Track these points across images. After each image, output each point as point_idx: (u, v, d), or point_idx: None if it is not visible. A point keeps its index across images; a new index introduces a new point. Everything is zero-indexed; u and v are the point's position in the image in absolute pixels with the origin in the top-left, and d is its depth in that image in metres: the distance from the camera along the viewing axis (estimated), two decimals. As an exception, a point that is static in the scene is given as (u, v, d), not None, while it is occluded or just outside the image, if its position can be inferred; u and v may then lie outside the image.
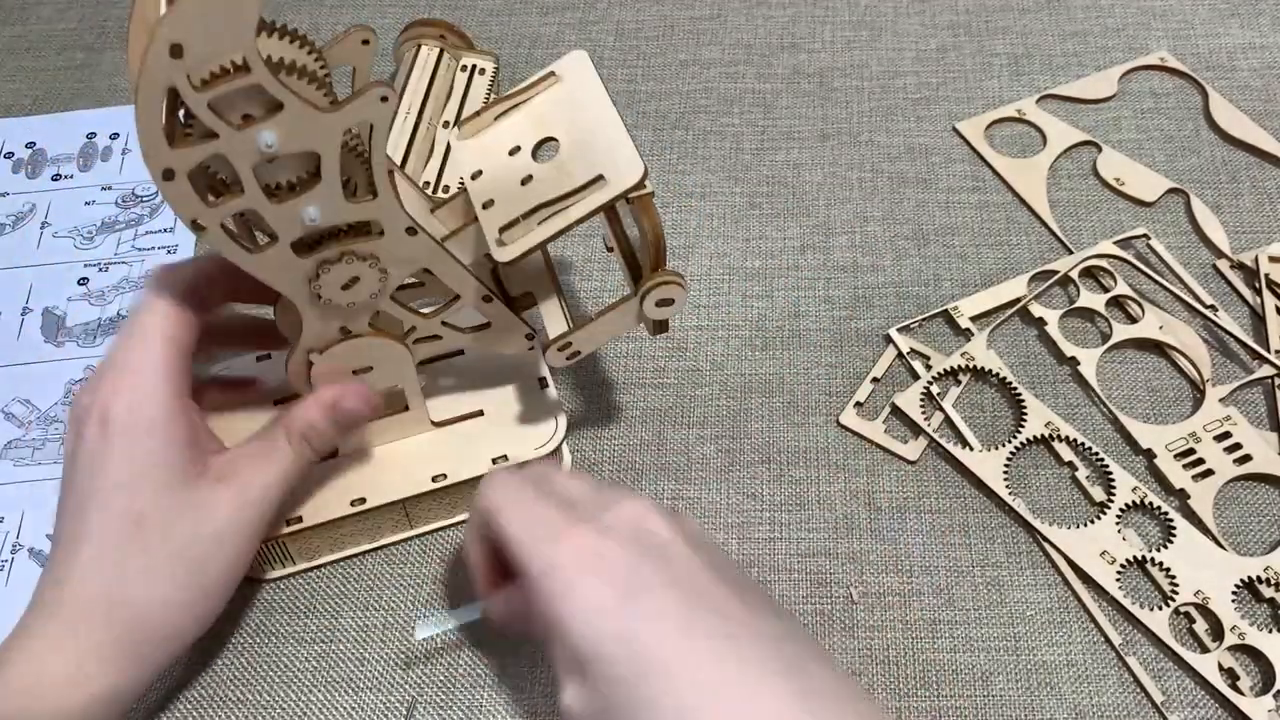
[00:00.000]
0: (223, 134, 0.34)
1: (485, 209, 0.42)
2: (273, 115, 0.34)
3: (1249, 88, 0.63)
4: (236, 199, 0.36)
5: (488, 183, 0.43)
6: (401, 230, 0.39)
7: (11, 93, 0.67)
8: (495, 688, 0.45)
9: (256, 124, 0.34)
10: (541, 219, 0.41)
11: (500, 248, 0.41)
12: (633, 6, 0.69)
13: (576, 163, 0.41)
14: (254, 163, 0.35)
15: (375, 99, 0.35)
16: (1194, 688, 0.44)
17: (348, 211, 0.38)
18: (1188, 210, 0.58)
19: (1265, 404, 0.51)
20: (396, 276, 0.41)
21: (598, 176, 0.40)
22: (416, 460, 0.47)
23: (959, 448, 0.50)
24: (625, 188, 0.40)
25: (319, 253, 0.39)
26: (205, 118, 0.34)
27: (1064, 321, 0.54)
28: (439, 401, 0.48)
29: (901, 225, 0.58)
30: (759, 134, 0.63)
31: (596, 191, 0.40)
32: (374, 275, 0.40)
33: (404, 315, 0.44)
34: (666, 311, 0.44)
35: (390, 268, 0.41)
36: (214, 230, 0.37)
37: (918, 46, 0.67)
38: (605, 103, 0.42)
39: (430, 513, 0.48)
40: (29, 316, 0.57)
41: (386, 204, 0.38)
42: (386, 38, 0.67)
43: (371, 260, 0.40)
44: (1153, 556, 0.46)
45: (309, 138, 0.35)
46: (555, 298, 0.46)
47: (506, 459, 0.47)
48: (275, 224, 0.37)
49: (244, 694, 0.45)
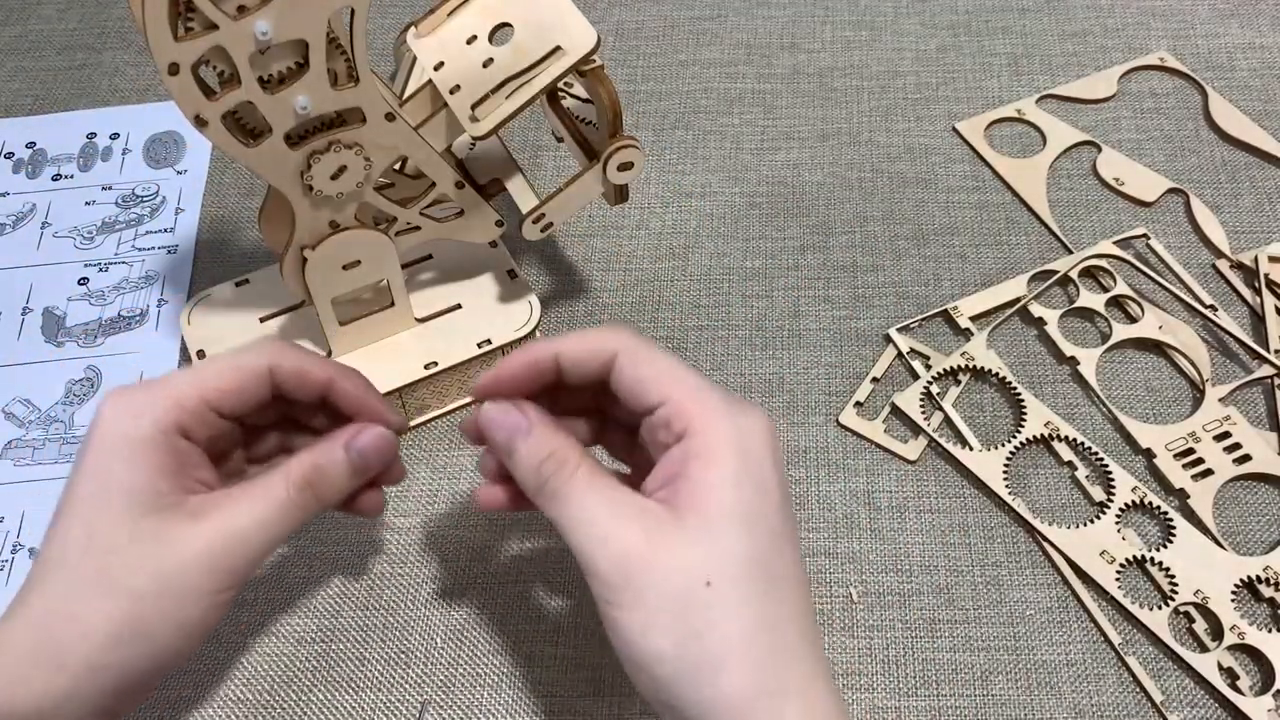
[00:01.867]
0: (221, 24, 0.37)
1: (453, 94, 0.45)
2: (266, 4, 0.37)
3: (1249, 88, 0.63)
4: (235, 91, 0.39)
5: (451, 71, 0.46)
6: (381, 116, 0.43)
7: (11, 93, 0.67)
8: (495, 687, 0.45)
9: (251, 14, 0.37)
10: (509, 92, 0.45)
11: (474, 124, 0.45)
12: (633, 6, 0.69)
13: (532, 40, 0.45)
14: (249, 53, 0.38)
15: None
16: (1193, 687, 0.44)
17: (334, 99, 0.41)
18: (1187, 210, 0.58)
19: (1265, 404, 0.51)
20: (379, 164, 0.44)
21: (555, 48, 0.44)
22: (406, 353, 0.51)
23: (959, 447, 0.50)
24: (584, 53, 0.44)
25: (308, 144, 0.42)
26: (205, 8, 0.36)
27: (1064, 321, 0.54)
28: (419, 297, 0.52)
29: (901, 225, 0.58)
30: (759, 134, 0.63)
31: (556, 61, 0.44)
32: (359, 163, 0.43)
33: (386, 206, 0.47)
34: (628, 175, 0.47)
35: (373, 155, 0.44)
36: (215, 124, 0.40)
37: (917, 46, 0.67)
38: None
39: (423, 401, 0.51)
40: (29, 316, 0.57)
41: (368, 89, 0.41)
42: (386, 38, 0.67)
43: (356, 148, 0.43)
44: (1152, 556, 0.46)
45: (299, 25, 0.38)
46: (520, 177, 0.50)
47: (490, 342, 0.51)
48: (269, 115, 0.40)
49: (244, 694, 0.45)
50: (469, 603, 0.47)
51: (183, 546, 0.35)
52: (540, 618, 0.47)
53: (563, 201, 0.48)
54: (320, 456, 0.38)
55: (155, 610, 0.35)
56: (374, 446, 0.39)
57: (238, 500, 0.37)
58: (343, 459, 0.39)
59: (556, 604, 0.47)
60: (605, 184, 0.48)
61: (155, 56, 0.37)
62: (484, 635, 0.46)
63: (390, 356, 0.50)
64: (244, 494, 0.37)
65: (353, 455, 0.39)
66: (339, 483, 0.39)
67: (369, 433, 0.39)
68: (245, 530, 0.36)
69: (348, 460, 0.39)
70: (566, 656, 0.45)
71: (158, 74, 0.38)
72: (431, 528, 0.49)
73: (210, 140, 0.40)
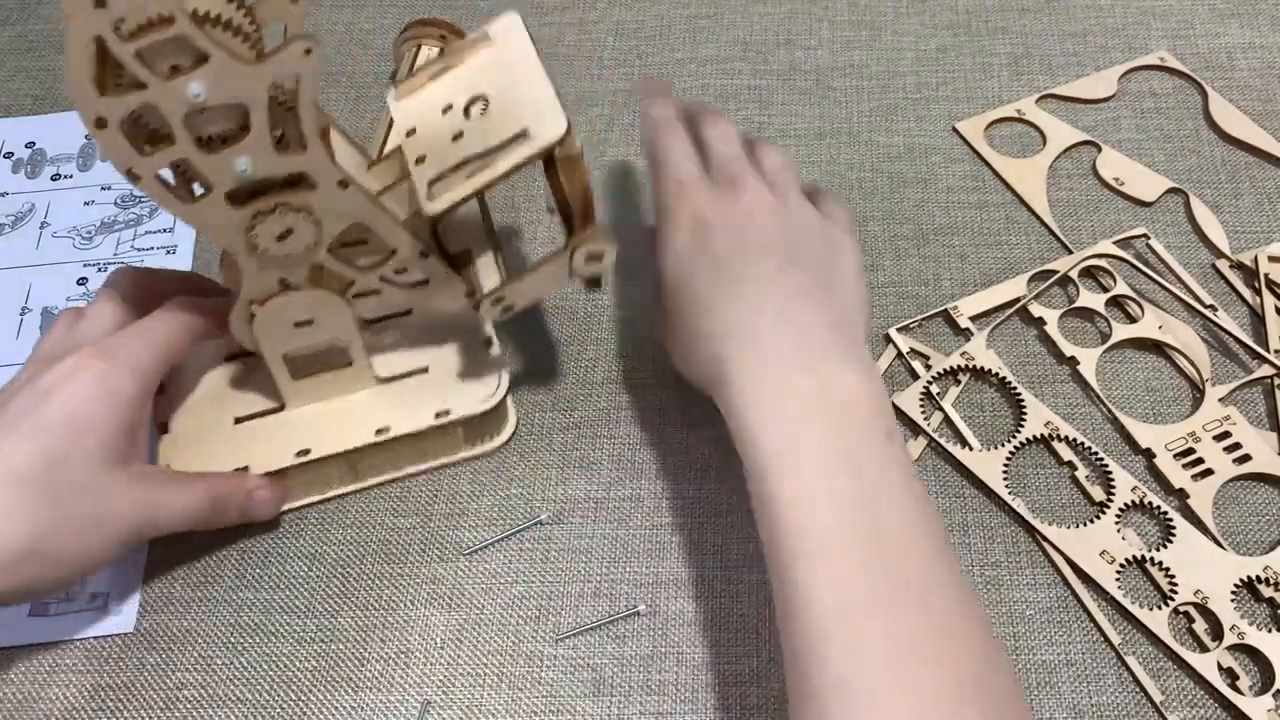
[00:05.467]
0: (151, 84, 0.35)
1: (418, 164, 0.44)
2: (200, 67, 0.35)
3: (1249, 88, 0.63)
4: (169, 149, 0.37)
5: (421, 139, 0.44)
6: (333, 184, 0.40)
7: (11, 93, 0.67)
8: (495, 687, 0.45)
9: (184, 75, 0.35)
10: (469, 173, 0.42)
11: (429, 201, 0.43)
12: (632, 6, 0.69)
13: (503, 119, 0.43)
14: (184, 113, 0.36)
15: (299, 52, 0.36)
16: (1193, 687, 0.44)
17: (278, 164, 0.39)
18: (1187, 210, 0.58)
19: (1265, 404, 0.51)
20: (331, 230, 0.42)
21: (522, 131, 0.42)
22: (361, 414, 0.48)
23: (958, 447, 0.50)
24: (548, 142, 0.41)
25: (253, 204, 0.40)
26: (132, 67, 0.34)
27: (1063, 321, 0.54)
28: (385, 358, 0.50)
29: (901, 225, 0.58)
30: (756, 132, 0.63)
31: (520, 146, 0.42)
32: (308, 227, 0.41)
33: (342, 269, 0.44)
34: (598, 267, 0.45)
35: (325, 221, 0.41)
36: (149, 180, 0.38)
37: (917, 46, 0.67)
38: (533, 62, 0.43)
39: (375, 466, 0.49)
40: (28, 316, 0.57)
41: (316, 157, 0.39)
42: (386, 38, 0.67)
43: (305, 212, 0.41)
44: (1152, 556, 0.46)
45: (236, 90, 0.36)
46: (490, 253, 0.48)
47: (449, 413, 0.48)
48: (208, 174, 0.38)
49: (244, 694, 0.45)
50: (469, 603, 0.47)
51: (118, 498, 0.42)
52: (540, 618, 0.47)
53: (525, 285, 0.45)
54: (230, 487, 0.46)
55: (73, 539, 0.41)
56: (269, 500, 0.47)
57: (166, 485, 0.44)
58: (240, 503, 0.46)
59: (558, 604, 0.47)
60: (574, 271, 0.45)
61: (79, 110, 0.35)
62: (484, 635, 0.46)
63: (344, 417, 0.48)
64: (173, 482, 0.44)
65: (248, 502, 0.46)
66: (231, 517, 0.46)
67: (266, 490, 0.46)
68: (164, 509, 0.43)
69: (243, 505, 0.46)
70: (566, 656, 0.45)
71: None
72: (431, 528, 0.49)
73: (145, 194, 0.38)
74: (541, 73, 0.43)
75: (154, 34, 0.34)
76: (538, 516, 0.49)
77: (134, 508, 0.42)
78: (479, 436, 0.50)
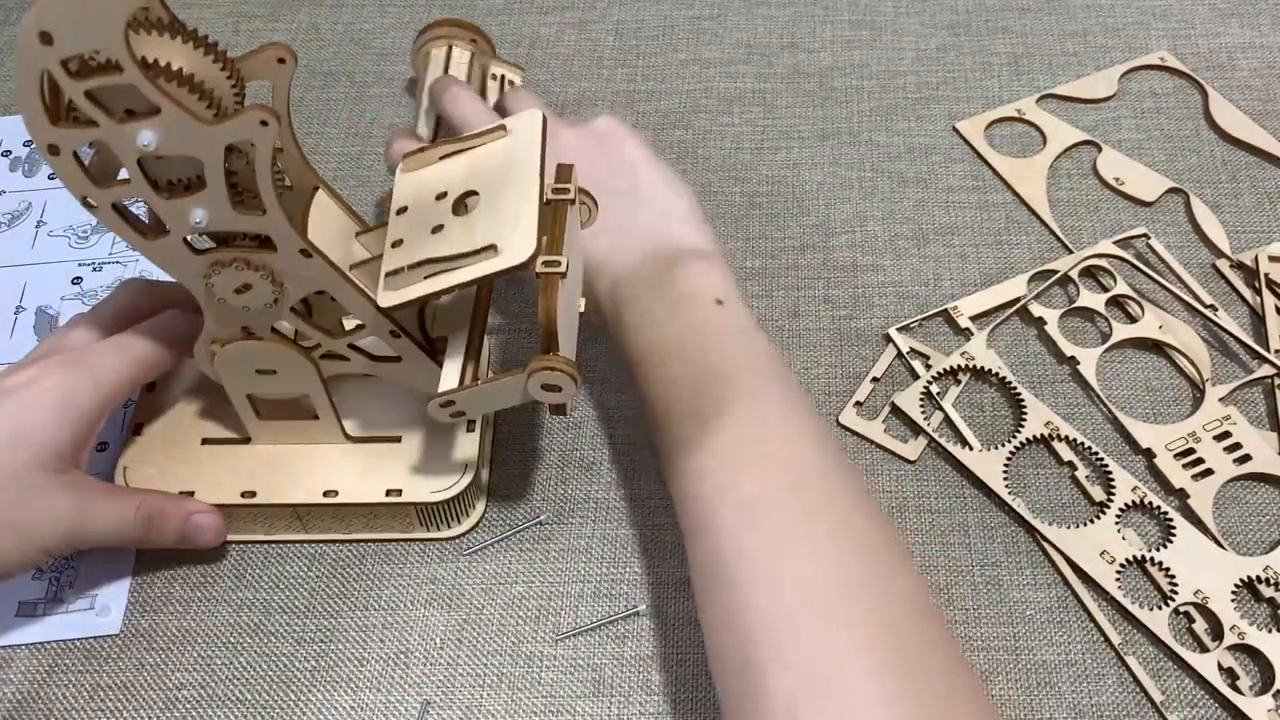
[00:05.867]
0: (102, 124, 0.35)
1: (394, 247, 0.42)
2: (153, 116, 0.35)
3: (1249, 88, 0.63)
4: (124, 187, 0.37)
5: (407, 222, 0.43)
6: (295, 250, 0.39)
7: (11, 92, 0.67)
8: (495, 687, 0.45)
9: (136, 121, 0.35)
10: (428, 273, 0.41)
11: (384, 291, 0.41)
12: (633, 6, 0.69)
13: (483, 225, 0.41)
14: (137, 156, 0.36)
15: (255, 121, 0.35)
16: (1193, 687, 0.44)
17: (235, 221, 0.38)
18: (1187, 210, 0.58)
19: (1265, 404, 0.51)
20: (294, 292, 0.41)
21: (490, 245, 0.40)
22: (317, 469, 0.47)
23: (959, 447, 0.50)
24: (510, 265, 0.39)
25: (213, 253, 0.39)
26: (82, 105, 0.34)
27: (1064, 321, 0.54)
28: (363, 417, 0.48)
29: (901, 225, 0.58)
30: (759, 133, 0.63)
31: (485, 260, 0.40)
32: (267, 286, 0.40)
33: (307, 330, 0.43)
34: (555, 397, 0.41)
35: (288, 283, 0.40)
36: (105, 210, 0.38)
37: (917, 46, 0.67)
38: (534, 171, 0.42)
39: (323, 525, 0.48)
40: (22, 315, 0.57)
41: (275, 222, 0.38)
42: (386, 38, 0.67)
43: (265, 272, 0.40)
44: (1152, 556, 0.46)
45: (188, 147, 0.36)
46: (462, 351, 0.43)
47: (400, 494, 0.46)
48: (165, 218, 0.38)
49: (243, 694, 0.45)
50: (469, 603, 0.47)
51: (46, 506, 0.42)
52: (540, 618, 0.46)
53: (477, 396, 0.42)
54: (168, 509, 0.45)
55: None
56: (209, 528, 0.46)
57: (99, 497, 0.44)
58: (178, 526, 0.45)
59: (558, 604, 0.47)
60: (528, 395, 0.41)
61: (32, 134, 0.35)
62: (484, 635, 0.46)
63: (300, 468, 0.47)
64: (106, 495, 0.44)
65: (187, 527, 0.45)
66: (168, 539, 0.45)
67: (207, 517, 0.46)
68: (93, 522, 0.43)
69: (181, 528, 0.45)
70: (566, 656, 0.45)
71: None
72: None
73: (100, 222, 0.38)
74: (536, 186, 0.41)
75: (103, 77, 0.34)
76: (538, 516, 0.49)
77: (62, 517, 0.42)
78: (435, 521, 0.48)
